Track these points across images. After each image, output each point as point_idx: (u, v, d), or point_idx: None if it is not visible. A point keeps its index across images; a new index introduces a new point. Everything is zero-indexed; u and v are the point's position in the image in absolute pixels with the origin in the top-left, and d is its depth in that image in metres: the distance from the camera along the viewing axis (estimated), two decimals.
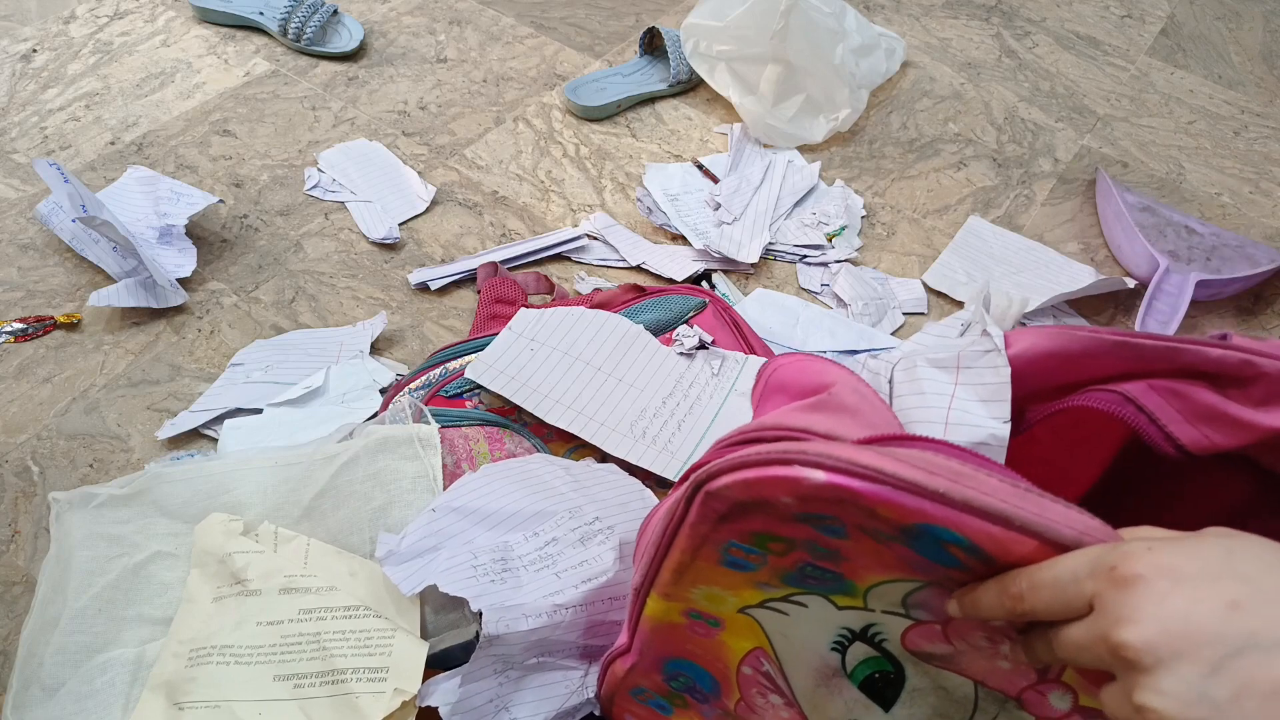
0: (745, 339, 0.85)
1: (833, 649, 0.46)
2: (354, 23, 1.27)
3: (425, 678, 0.64)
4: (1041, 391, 0.47)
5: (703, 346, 0.82)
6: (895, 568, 0.40)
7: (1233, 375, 0.41)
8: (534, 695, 0.62)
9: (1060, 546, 0.35)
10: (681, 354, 0.81)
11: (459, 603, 0.70)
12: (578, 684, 0.62)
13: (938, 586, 0.40)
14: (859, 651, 0.46)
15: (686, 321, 0.84)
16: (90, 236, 0.95)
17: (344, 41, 1.25)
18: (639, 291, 0.88)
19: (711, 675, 0.53)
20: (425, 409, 0.77)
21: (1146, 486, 0.53)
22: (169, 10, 1.31)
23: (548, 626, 0.60)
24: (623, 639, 0.55)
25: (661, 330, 0.83)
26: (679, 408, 0.78)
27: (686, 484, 0.43)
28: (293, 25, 1.23)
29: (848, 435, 0.42)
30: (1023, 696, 0.41)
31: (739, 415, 0.78)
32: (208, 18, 1.28)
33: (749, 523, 0.42)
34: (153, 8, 1.31)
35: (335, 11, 1.27)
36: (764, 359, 0.82)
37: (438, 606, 0.69)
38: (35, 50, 1.22)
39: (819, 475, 0.37)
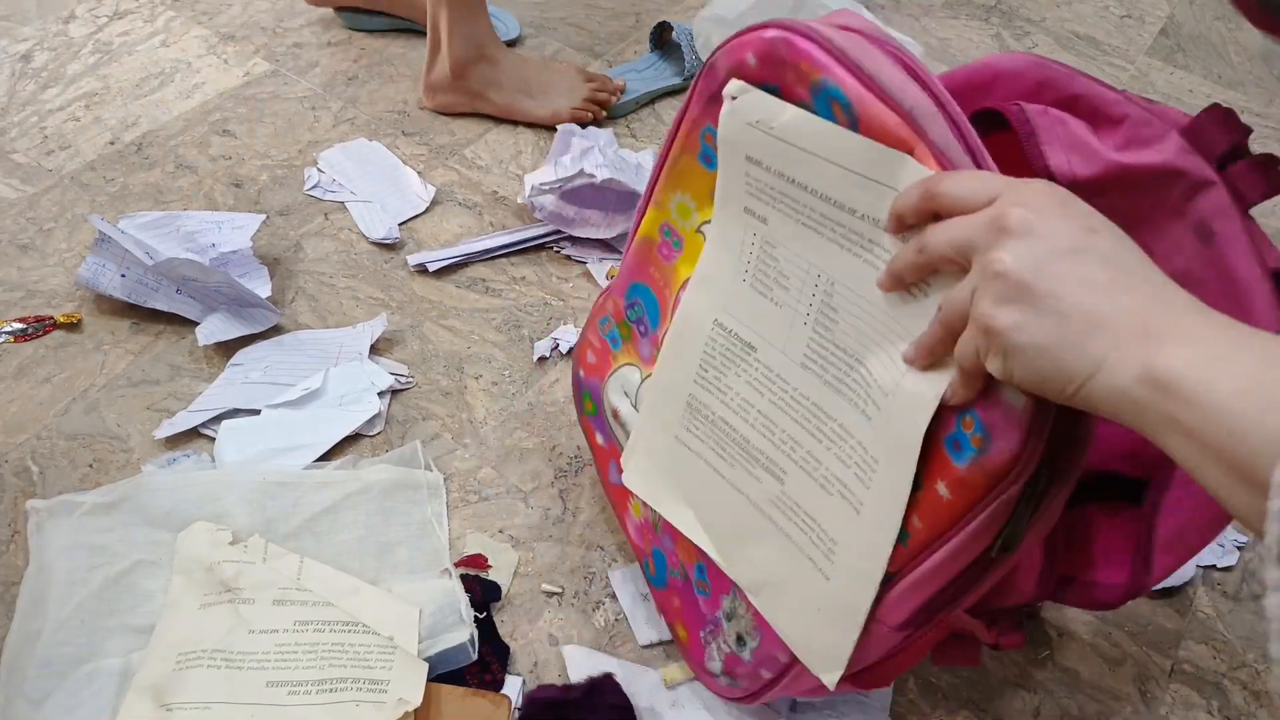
0: None
1: None
2: (507, 16, 1.30)
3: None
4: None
5: None
6: None
7: (1106, 114, 0.50)
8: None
9: (902, 112, 0.45)
10: None
11: (452, 608, 0.71)
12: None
13: None
14: None
15: None
16: (149, 286, 0.91)
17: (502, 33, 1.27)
18: None
19: (659, 304, 0.64)
20: None
21: None
22: (169, 10, 1.31)
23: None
24: (617, 281, 0.68)
25: None
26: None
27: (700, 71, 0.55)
28: None
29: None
30: None
31: None
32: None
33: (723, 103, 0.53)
34: (152, 8, 1.31)
35: None
36: None
37: (431, 613, 0.70)
38: (35, 50, 1.22)
39: (771, 31, 0.50)
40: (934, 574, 0.49)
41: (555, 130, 1.07)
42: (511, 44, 1.29)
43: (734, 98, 0.52)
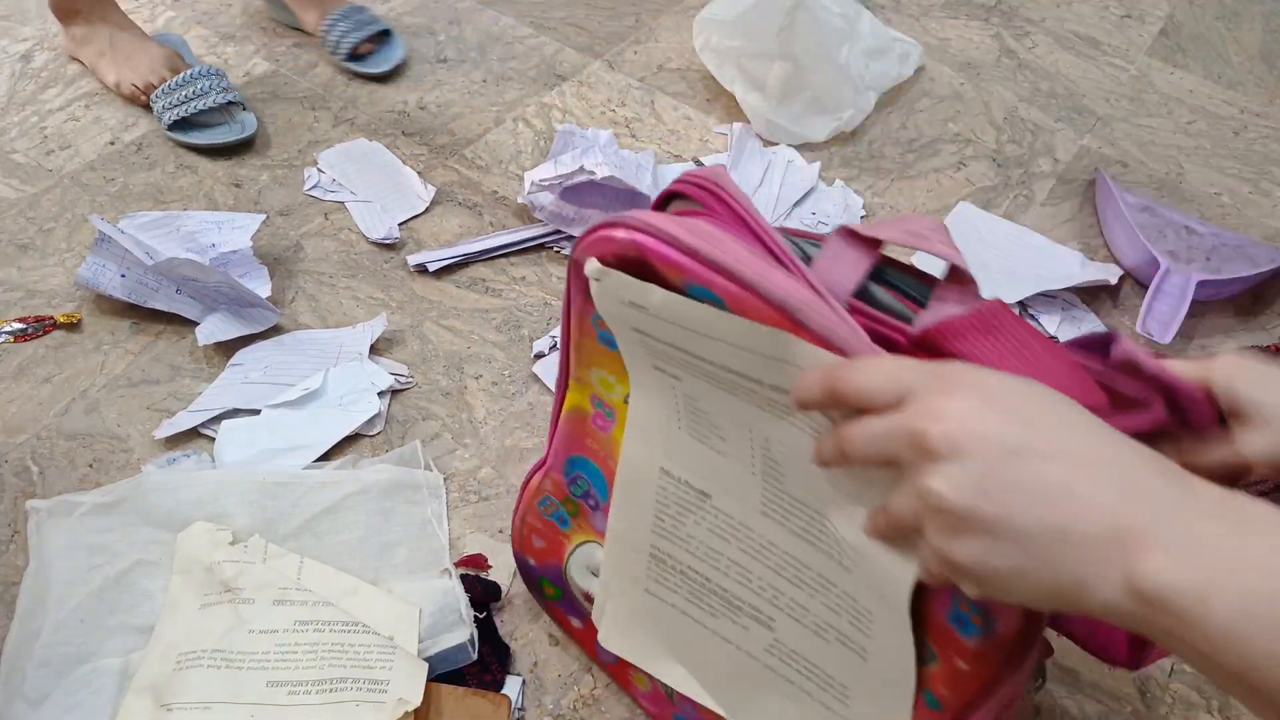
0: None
1: None
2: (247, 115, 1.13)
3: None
4: None
5: None
6: None
7: None
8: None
9: (777, 307, 0.43)
10: None
11: (452, 608, 0.71)
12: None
13: None
14: None
15: None
16: (149, 285, 0.91)
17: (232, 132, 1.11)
18: None
19: (604, 477, 0.59)
20: None
21: None
22: (169, 10, 1.31)
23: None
24: (544, 457, 0.63)
25: None
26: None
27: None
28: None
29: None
30: None
31: None
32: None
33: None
34: (152, 8, 1.31)
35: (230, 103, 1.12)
36: None
37: (431, 613, 0.70)
38: (35, 50, 1.22)
39: (621, 232, 0.46)
40: None
41: (556, 130, 1.06)
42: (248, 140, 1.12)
43: (597, 280, 0.49)
